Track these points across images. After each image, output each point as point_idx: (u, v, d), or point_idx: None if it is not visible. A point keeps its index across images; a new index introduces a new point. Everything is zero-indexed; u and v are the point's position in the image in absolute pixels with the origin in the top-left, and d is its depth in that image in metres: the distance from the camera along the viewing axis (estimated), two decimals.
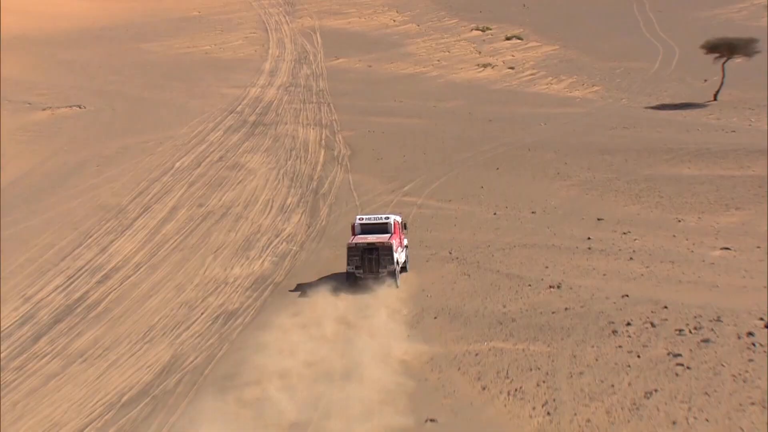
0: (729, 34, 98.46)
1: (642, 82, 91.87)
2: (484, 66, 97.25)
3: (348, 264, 39.66)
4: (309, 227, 48.63)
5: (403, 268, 41.45)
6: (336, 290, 38.08)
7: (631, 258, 40.53)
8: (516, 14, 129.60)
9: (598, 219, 47.24)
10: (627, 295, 34.76)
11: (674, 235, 43.83)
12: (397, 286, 39.29)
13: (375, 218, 41.90)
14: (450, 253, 43.03)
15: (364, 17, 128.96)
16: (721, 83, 79.76)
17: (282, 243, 45.93)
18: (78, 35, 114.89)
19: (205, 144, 66.77)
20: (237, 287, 39.57)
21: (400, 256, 40.74)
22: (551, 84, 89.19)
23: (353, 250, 39.60)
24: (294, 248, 45.42)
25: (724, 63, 79.57)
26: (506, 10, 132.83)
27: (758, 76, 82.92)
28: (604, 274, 38.40)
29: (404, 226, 43.10)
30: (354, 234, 41.18)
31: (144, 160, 62.11)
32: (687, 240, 43.05)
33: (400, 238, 41.83)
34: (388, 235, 40.69)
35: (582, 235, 44.29)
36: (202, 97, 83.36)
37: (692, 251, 41.20)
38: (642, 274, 38.21)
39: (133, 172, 59.20)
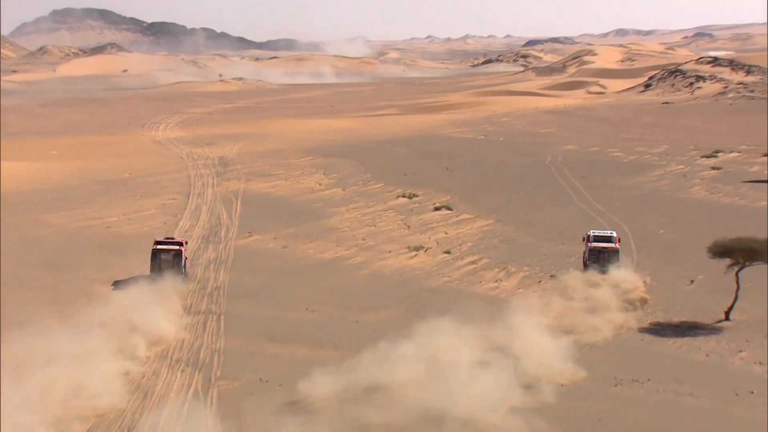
0: (669, 208, 71.00)
1: None
2: (416, 249, 66.74)
3: (588, 259, 54.46)
4: None
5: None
6: None
7: None
8: (440, 178, 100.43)
9: None
10: None
11: None
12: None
13: (602, 232, 56.82)
14: None
15: (291, 179, 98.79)
16: (735, 297, 48.63)
17: None
18: None
19: None
20: None
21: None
22: (500, 280, 58.22)
23: (593, 251, 54.11)
24: None
25: (738, 272, 48.39)
26: (430, 173, 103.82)
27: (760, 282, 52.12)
28: None
29: (618, 239, 55.92)
30: (588, 241, 55.37)
31: None
32: None
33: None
34: (613, 243, 54.72)
35: None
36: (60, 303, 50.79)
37: None
38: None
39: None
